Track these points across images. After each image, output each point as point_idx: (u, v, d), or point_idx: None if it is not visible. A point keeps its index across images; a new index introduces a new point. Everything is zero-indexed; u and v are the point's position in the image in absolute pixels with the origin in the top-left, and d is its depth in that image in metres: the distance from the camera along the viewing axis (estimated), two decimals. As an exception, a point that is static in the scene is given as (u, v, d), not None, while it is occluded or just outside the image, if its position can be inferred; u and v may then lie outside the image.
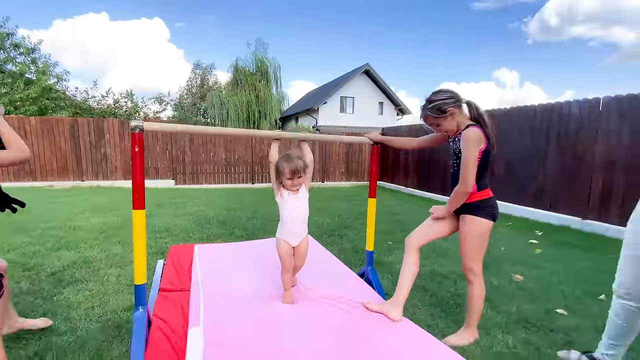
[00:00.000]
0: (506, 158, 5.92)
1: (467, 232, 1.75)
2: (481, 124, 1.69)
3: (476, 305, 1.81)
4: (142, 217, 1.56)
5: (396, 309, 1.74)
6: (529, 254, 3.47)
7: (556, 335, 1.91)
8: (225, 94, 21.75)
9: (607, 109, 4.54)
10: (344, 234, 4.11)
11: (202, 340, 1.50)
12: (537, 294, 2.47)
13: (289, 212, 1.80)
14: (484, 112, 1.72)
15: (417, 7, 55.79)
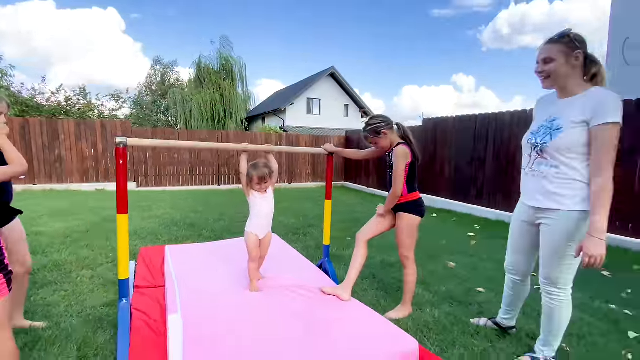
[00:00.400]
0: (454, 161, 6.63)
1: (401, 227, 2.17)
2: (407, 142, 2.12)
3: (410, 286, 2.24)
4: (125, 221, 1.78)
5: (346, 291, 2.12)
6: (466, 245, 4.05)
7: (473, 308, 2.41)
8: (188, 91, 21.21)
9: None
10: (308, 232, 4.45)
11: (181, 324, 1.76)
12: (465, 277, 2.99)
13: (258, 209, 2.13)
14: (410, 132, 2.16)
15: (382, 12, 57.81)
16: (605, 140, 1.46)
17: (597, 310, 2.41)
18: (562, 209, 1.58)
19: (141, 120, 24.86)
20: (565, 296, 1.67)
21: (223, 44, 20.80)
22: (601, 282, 2.96)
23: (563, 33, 1.58)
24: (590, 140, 1.50)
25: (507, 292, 2.02)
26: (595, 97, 1.52)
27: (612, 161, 1.46)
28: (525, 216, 1.79)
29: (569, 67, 1.57)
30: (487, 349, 1.90)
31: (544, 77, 1.64)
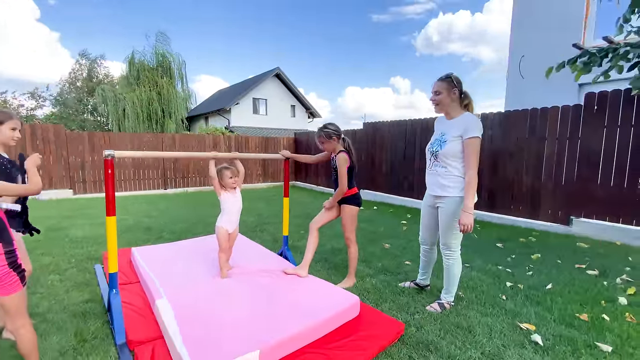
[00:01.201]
0: (390, 160, 7.56)
1: (345, 215, 2.77)
2: (348, 151, 2.71)
3: (353, 262, 2.85)
4: (114, 222, 2.06)
5: (304, 270, 2.65)
6: (399, 231, 4.86)
7: (401, 276, 3.11)
8: (121, 89, 19.71)
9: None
10: (265, 229, 4.88)
11: (170, 306, 2.11)
12: (397, 254, 3.73)
13: (229, 206, 2.54)
14: (351, 144, 2.78)
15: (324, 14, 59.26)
16: (471, 148, 2.20)
17: (487, 271, 3.28)
18: (449, 195, 2.30)
19: (65, 120, 22.34)
20: (456, 256, 2.40)
21: (159, 39, 19.76)
22: (495, 252, 3.91)
23: (447, 75, 2.30)
24: (463, 148, 2.24)
25: (422, 259, 2.74)
26: (465, 119, 2.27)
27: (476, 162, 2.20)
28: (429, 202, 2.51)
29: (450, 98, 2.30)
30: (409, 301, 2.58)
31: (435, 104, 2.36)
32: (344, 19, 63.52)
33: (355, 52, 64.16)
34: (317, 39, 58.82)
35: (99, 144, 8.44)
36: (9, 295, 1.46)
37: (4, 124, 1.89)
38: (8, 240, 1.47)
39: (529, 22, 8.92)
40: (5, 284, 1.44)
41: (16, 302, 1.49)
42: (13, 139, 1.95)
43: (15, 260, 1.49)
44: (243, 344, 1.73)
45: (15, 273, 1.47)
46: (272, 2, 57.40)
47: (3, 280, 1.43)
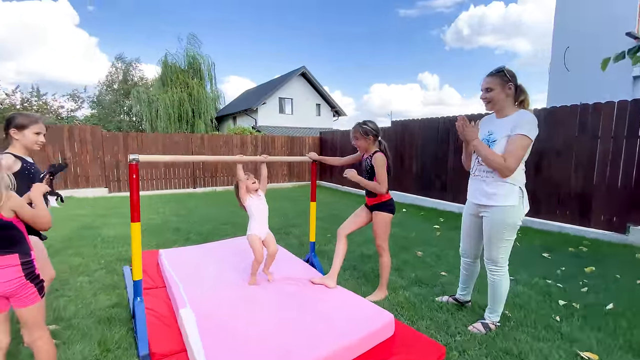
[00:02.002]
0: (421, 159, 7.21)
1: (377, 222, 2.56)
2: (385, 153, 2.51)
3: (385, 272, 2.64)
4: (138, 228, 2.01)
5: (332, 280, 2.48)
6: (432, 237, 4.56)
7: (437, 289, 2.86)
8: (154, 91, 20.49)
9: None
10: (290, 231, 4.76)
11: (193, 316, 2.02)
12: (431, 264, 3.46)
13: (255, 210, 2.44)
14: (387, 147, 2.58)
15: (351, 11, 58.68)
16: (515, 145, 1.93)
17: (535, 285, 2.95)
18: (496, 204, 2.03)
19: (102, 122, 23.65)
20: (503, 271, 2.13)
21: (190, 41, 20.32)
22: (542, 263, 3.54)
23: (499, 68, 2.03)
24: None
25: (462, 272, 2.48)
26: (519, 117, 1.99)
27: (516, 159, 1.93)
28: (472, 210, 2.25)
29: (504, 95, 2.03)
30: (448, 319, 2.34)
31: (486, 102, 2.09)
32: (369, 15, 62.57)
33: (381, 48, 63.00)
34: (342, 36, 58.33)
35: (133, 145, 8.75)
36: (27, 307, 1.41)
37: (27, 127, 1.87)
38: (26, 250, 1.42)
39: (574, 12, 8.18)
40: (22, 296, 1.39)
41: (34, 313, 1.43)
42: (37, 143, 1.92)
43: (33, 271, 1.43)
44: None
45: (32, 284, 1.42)
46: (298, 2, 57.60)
47: (19, 293, 1.38)
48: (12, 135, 1.85)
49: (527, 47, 63.34)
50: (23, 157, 1.87)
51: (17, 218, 1.40)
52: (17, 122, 1.84)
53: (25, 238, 1.43)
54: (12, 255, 1.38)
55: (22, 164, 1.84)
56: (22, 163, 1.84)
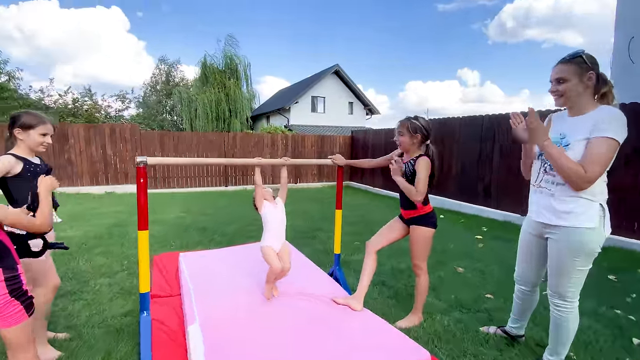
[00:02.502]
0: (461, 161, 6.63)
1: (416, 238, 2.20)
2: (432, 160, 2.14)
3: (422, 294, 2.29)
4: (145, 237, 1.85)
5: (358, 302, 2.17)
6: (473, 249, 4.08)
7: (482, 315, 2.45)
8: (194, 91, 21.27)
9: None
10: (316, 235, 4.51)
11: (201, 335, 1.83)
12: (474, 282, 3.03)
13: (270, 220, 2.19)
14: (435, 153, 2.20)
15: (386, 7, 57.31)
16: (598, 151, 1.50)
17: (603, 316, 2.44)
18: (568, 225, 1.61)
19: (147, 120, 25.06)
20: (572, 308, 1.70)
21: (228, 42, 20.80)
22: (607, 287, 2.97)
23: (576, 53, 1.60)
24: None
25: (516, 302, 2.06)
26: (601, 114, 1.55)
27: (600, 169, 1.50)
28: (533, 229, 1.83)
29: (582, 86, 1.60)
30: (497, 357, 1.95)
31: (557, 95, 1.67)
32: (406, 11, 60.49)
33: (418, 44, 60.63)
34: (378, 33, 57.04)
35: (169, 143, 9.00)
36: (10, 328, 1.26)
37: (34, 128, 1.77)
38: (10, 265, 1.26)
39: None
40: (5, 315, 1.23)
41: (17, 334, 1.27)
42: (42, 144, 1.82)
43: (19, 287, 1.27)
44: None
45: (18, 302, 1.26)
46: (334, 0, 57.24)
47: (2, 311, 1.23)
48: (16, 135, 1.75)
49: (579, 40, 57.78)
50: (26, 158, 1.77)
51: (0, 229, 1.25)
52: (22, 121, 1.75)
53: (10, 250, 1.28)
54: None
55: (25, 165, 1.74)
56: (25, 164, 1.74)
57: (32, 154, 1.83)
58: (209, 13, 47.26)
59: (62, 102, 15.15)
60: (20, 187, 1.72)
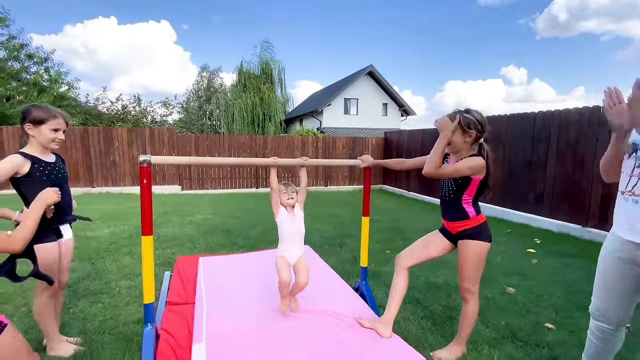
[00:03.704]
0: (508, 164, 5.97)
1: (468, 256, 1.81)
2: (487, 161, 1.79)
3: (469, 323, 1.90)
4: (150, 243, 1.69)
5: (387, 327, 1.85)
6: (525, 264, 3.54)
7: (542, 351, 2.00)
8: (231, 96, 21.97)
9: (606, 117, 4.57)
10: (344, 242, 4.22)
11: (204, 356, 1.63)
12: (528, 307, 2.56)
13: (286, 231, 1.94)
14: (490, 155, 1.82)
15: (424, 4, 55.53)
16: None
17: None
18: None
19: (188, 125, 26.34)
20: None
21: (264, 48, 21.26)
22: None
23: None
24: None
25: (592, 342, 1.62)
26: None
27: None
28: (623, 252, 1.39)
29: None
30: (566, 412, 1.53)
31: None
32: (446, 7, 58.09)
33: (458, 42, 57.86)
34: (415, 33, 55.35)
35: (202, 145, 9.21)
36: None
37: (45, 123, 1.68)
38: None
39: None
40: None
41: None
42: (54, 141, 1.73)
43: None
44: None
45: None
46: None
47: None
48: (27, 131, 1.68)
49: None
50: (35, 156, 1.69)
51: None
52: (33, 116, 1.67)
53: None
54: None
55: (33, 164, 1.65)
56: (33, 163, 1.65)
57: (45, 152, 1.75)
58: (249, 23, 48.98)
59: (113, 108, 16.34)
60: (32, 187, 1.63)
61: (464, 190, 1.79)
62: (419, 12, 55.18)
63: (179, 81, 48.30)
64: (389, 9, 55.76)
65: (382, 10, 56.09)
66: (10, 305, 2.40)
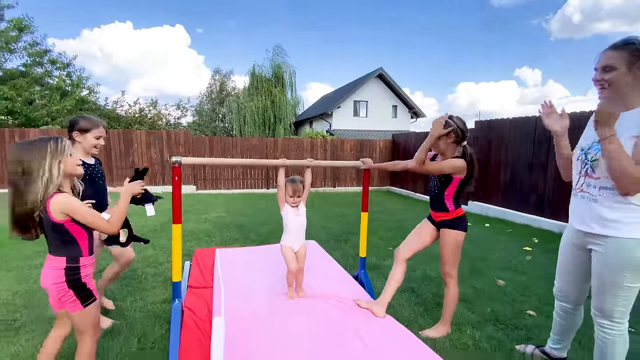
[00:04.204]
0: (511, 166, 6.13)
1: (446, 243, 2.10)
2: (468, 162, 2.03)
3: (450, 305, 2.17)
4: (179, 230, 2.01)
5: (381, 308, 2.12)
6: (520, 261, 3.74)
7: (520, 332, 2.24)
8: (243, 99, 22.49)
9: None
10: (349, 239, 4.49)
11: (223, 326, 1.93)
12: (514, 297, 2.78)
13: (290, 224, 2.24)
14: (475, 157, 2.07)
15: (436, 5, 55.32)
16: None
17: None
18: (616, 235, 1.42)
19: (201, 127, 27.02)
20: (619, 330, 1.49)
21: (276, 52, 21.71)
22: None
23: (628, 39, 1.43)
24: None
25: (557, 320, 1.86)
26: None
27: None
28: (575, 239, 1.64)
29: (631, 77, 1.42)
30: (532, 380, 1.77)
31: (602, 86, 1.49)
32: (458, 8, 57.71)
33: (471, 43, 57.41)
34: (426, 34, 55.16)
35: (217, 147, 9.63)
36: (72, 313, 1.40)
37: (90, 131, 2.02)
38: (74, 256, 1.38)
39: None
40: (63, 301, 1.38)
41: (76, 321, 1.42)
42: (95, 147, 2.07)
43: (77, 279, 1.38)
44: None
45: (73, 293, 1.38)
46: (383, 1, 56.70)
47: (62, 297, 1.37)
48: (74, 138, 2.02)
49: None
50: (81, 159, 2.03)
51: (72, 221, 1.35)
52: (80, 125, 2.01)
53: (78, 243, 1.39)
54: (59, 258, 1.37)
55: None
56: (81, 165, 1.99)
57: (87, 156, 2.09)
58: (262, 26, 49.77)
59: (131, 111, 17.05)
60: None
61: (446, 187, 2.06)
62: (432, 14, 54.99)
63: (192, 84, 49.37)
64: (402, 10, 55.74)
65: (395, 11, 56.12)
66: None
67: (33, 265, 3.24)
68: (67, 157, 1.37)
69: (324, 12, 53.53)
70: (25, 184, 1.28)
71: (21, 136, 8.51)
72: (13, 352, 1.90)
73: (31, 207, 1.28)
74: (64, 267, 1.37)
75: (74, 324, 1.44)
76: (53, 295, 1.39)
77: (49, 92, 12.78)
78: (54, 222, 1.32)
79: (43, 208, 1.30)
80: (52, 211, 1.30)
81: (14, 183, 1.29)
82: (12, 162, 1.30)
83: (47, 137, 1.37)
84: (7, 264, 3.27)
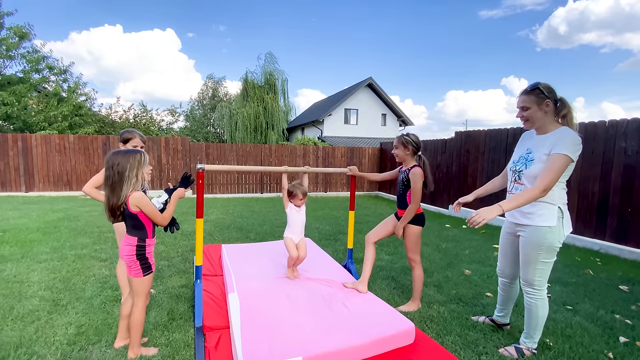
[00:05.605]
0: (487, 174, 6.77)
1: (409, 236, 2.64)
2: (424, 169, 2.60)
3: (418, 285, 2.69)
4: (201, 223, 2.48)
5: (363, 285, 2.63)
6: (487, 256, 4.30)
7: (476, 308, 2.77)
8: (235, 105, 22.89)
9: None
10: (339, 238, 4.99)
11: (238, 300, 2.40)
12: (478, 283, 3.32)
13: (293, 220, 2.74)
14: (428, 164, 2.65)
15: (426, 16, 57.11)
16: (553, 164, 1.84)
17: (598, 319, 2.63)
18: (532, 224, 1.97)
19: (193, 132, 27.23)
20: (540, 295, 2.03)
21: (268, 59, 22.27)
22: (615, 295, 3.11)
23: (534, 85, 1.99)
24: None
25: (500, 293, 2.40)
26: (560, 134, 1.91)
27: (552, 179, 1.82)
28: (508, 228, 2.20)
29: (541, 112, 1.98)
30: (479, 338, 2.29)
31: (524, 120, 2.05)
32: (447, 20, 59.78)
33: (460, 53, 59.48)
34: (416, 43, 56.88)
35: (213, 153, 10.05)
36: (133, 278, 1.89)
37: (129, 141, 2.49)
38: (143, 237, 1.87)
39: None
40: (131, 268, 1.87)
41: (135, 285, 1.89)
42: None
43: (143, 253, 1.87)
44: (290, 347, 1.85)
45: (139, 263, 1.86)
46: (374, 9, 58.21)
47: (131, 265, 1.87)
48: (120, 147, 2.48)
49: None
50: None
51: (142, 213, 1.81)
52: (123, 136, 2.49)
53: (145, 228, 1.87)
54: (133, 237, 1.85)
55: None
56: None
57: None
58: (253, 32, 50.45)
59: (125, 117, 17.29)
60: None
61: (408, 189, 2.60)
62: (422, 23, 56.75)
63: (182, 88, 49.58)
64: (392, 20, 57.33)
65: (385, 21, 57.67)
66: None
67: (56, 258, 3.62)
68: (146, 167, 1.86)
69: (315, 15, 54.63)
70: (119, 183, 1.75)
71: (24, 141, 8.77)
72: (66, 322, 2.33)
73: (121, 201, 1.76)
74: (135, 245, 1.86)
75: (133, 288, 1.91)
76: (126, 263, 1.87)
77: (47, 98, 12.99)
78: (130, 212, 1.81)
79: (124, 201, 1.77)
80: (130, 204, 1.78)
81: (112, 182, 1.76)
82: (111, 166, 1.77)
83: (137, 150, 1.88)
84: (38, 257, 3.66)
